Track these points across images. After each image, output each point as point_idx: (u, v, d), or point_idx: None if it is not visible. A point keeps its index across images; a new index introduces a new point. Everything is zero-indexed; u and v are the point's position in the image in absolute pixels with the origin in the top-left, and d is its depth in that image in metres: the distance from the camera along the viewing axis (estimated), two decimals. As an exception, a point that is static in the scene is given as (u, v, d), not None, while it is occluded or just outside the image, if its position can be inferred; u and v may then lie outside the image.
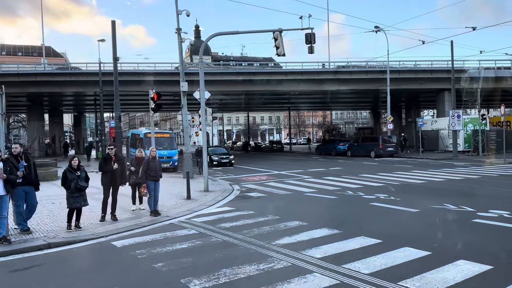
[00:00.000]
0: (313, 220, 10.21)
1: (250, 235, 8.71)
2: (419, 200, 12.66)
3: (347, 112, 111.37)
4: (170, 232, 9.22)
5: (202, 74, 16.15)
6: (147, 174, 10.86)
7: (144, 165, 10.88)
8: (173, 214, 11.21)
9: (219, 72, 39.86)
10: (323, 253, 7.33)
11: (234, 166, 28.71)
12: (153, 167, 10.98)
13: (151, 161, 11.02)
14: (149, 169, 10.88)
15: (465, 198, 12.80)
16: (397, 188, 15.62)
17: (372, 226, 9.47)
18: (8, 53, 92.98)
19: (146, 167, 10.85)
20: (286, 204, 13.02)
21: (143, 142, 27.29)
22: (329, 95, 47.28)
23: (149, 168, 10.89)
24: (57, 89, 38.98)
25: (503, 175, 18.75)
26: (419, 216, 10.48)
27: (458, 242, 7.94)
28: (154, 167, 11.01)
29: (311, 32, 18.25)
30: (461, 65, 39.44)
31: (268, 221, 10.12)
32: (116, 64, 23.99)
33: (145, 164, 10.89)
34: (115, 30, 23.81)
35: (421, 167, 23.48)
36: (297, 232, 8.92)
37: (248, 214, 11.09)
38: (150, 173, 10.90)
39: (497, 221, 9.54)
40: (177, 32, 20.10)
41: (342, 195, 14.27)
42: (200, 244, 8.13)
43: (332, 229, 9.07)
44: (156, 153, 11.39)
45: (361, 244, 7.92)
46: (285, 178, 20.32)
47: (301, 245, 7.87)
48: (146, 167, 10.85)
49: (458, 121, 30.72)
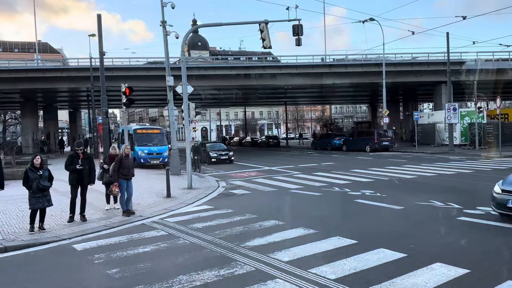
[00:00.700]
0: (291, 219, 9.77)
1: (221, 236, 8.26)
2: (405, 197, 12.21)
3: (346, 106, 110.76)
4: (138, 234, 8.77)
5: (184, 68, 15.65)
6: (119, 173, 10.38)
7: (116, 163, 10.39)
8: (147, 214, 10.75)
9: (212, 67, 39.30)
10: (292, 256, 6.88)
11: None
12: (126, 165, 10.50)
13: (124, 159, 10.53)
14: (121, 167, 10.40)
15: (453, 194, 12.34)
16: (385, 184, 15.17)
17: (351, 225, 9.02)
18: (5, 49, 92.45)
19: (118, 165, 10.37)
20: (268, 201, 12.55)
21: (133, 138, 26.85)
22: (326, 89, 46.74)
23: (122, 166, 10.41)
24: (48, 85, 38.45)
25: (496, 169, 18.25)
26: (402, 214, 10.01)
27: (437, 243, 7.47)
28: (127, 165, 10.53)
29: (298, 24, 17.73)
30: (458, 57, 38.92)
31: (244, 221, 9.66)
32: (102, 58, 23.51)
33: (118, 161, 10.41)
34: (101, 24, 23.34)
35: (414, 162, 22.99)
36: (271, 232, 8.47)
37: (226, 213, 10.64)
38: (123, 171, 10.42)
39: (482, 219, 9.09)
40: (162, 25, 19.57)
41: (327, 192, 13.81)
42: (164, 247, 7.68)
43: (308, 229, 8.61)
44: (129, 151, 10.87)
45: (335, 245, 7.47)
46: (275, 174, 19.85)
47: (271, 247, 7.42)
48: (118, 165, 10.37)
49: (454, 114, 30.19)
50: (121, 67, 38.12)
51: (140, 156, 25.71)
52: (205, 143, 30.38)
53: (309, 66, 38.32)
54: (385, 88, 36.20)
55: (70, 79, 38.19)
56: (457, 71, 35.18)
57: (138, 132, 27.12)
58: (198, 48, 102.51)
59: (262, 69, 38.56)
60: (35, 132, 47.80)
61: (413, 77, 38.85)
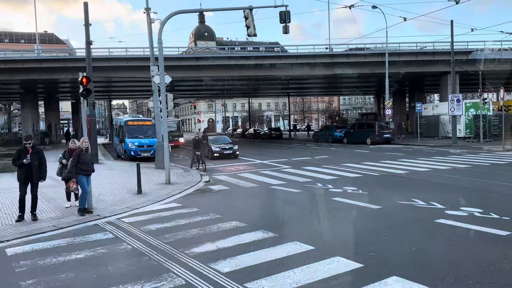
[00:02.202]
0: (255, 220, 9.00)
1: (169, 241, 7.54)
2: (388, 195, 11.38)
3: (355, 97, 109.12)
4: (82, 236, 8.08)
5: (161, 58, 14.89)
6: (78, 168, 9.66)
7: (75, 158, 9.66)
8: (106, 213, 10.07)
9: (211, 57, 38.47)
10: (234, 266, 6.13)
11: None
12: (85, 160, 9.76)
13: (83, 153, 9.80)
14: (80, 162, 9.67)
15: (440, 192, 11.49)
16: (372, 180, 14.34)
17: (315, 228, 8.24)
18: (11, 40, 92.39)
19: (76, 160, 9.64)
20: (242, 199, 11.80)
21: (124, 130, 26.24)
22: (330, 80, 45.68)
23: (81, 161, 9.68)
24: (45, 75, 37.98)
25: (495, 164, 17.28)
26: (376, 215, 9.19)
27: (403, 251, 6.66)
28: (86, 160, 9.79)
29: (285, 10, 16.85)
30: (465, 46, 37.60)
31: (204, 222, 8.93)
32: (89, 48, 22.89)
33: (76, 156, 9.68)
34: (88, 13, 22.62)
35: (412, 155, 22.04)
36: (226, 236, 7.73)
37: (189, 213, 9.91)
38: (82, 166, 9.70)
39: (463, 221, 8.23)
40: (146, 12, 18.79)
41: (308, 188, 13.02)
42: (101, 254, 6.97)
43: (267, 232, 7.85)
44: (88, 144, 10.07)
45: (289, 252, 6.70)
46: (264, 168, 19.08)
47: (217, 254, 6.68)
48: (76, 160, 9.64)
49: (458, 105, 29.09)
50: (120, 57, 37.46)
51: (130, 148, 25.09)
52: (207, 136, 27.82)
53: (309, 56, 37.27)
54: (390, 79, 35.11)
55: (66, 69, 37.56)
56: (462, 61, 33.89)
57: (129, 124, 26.47)
58: (205, 39, 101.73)
59: (261, 59, 37.67)
60: (35, 123, 47.51)
61: (418, 67, 37.68)
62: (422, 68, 37.96)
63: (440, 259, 6.25)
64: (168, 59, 37.28)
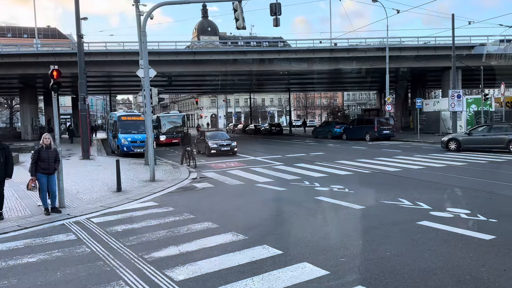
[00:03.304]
0: (228, 221, 8.56)
1: (132, 244, 7.13)
2: (374, 194, 10.91)
3: (359, 93, 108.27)
4: (42, 238, 7.69)
5: (145, 52, 14.43)
6: (37, 166, 9.24)
7: (34, 155, 9.25)
8: (78, 212, 9.67)
9: (209, 51, 38.02)
10: (191, 273, 5.70)
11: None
12: (44, 157, 9.32)
13: (43, 150, 9.36)
14: (40, 160, 9.25)
15: (429, 191, 10.99)
16: (362, 178, 13.86)
17: (289, 230, 7.78)
18: (14, 35, 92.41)
19: (36, 157, 9.23)
20: (223, 198, 11.37)
21: (117, 126, 25.87)
22: (331, 75, 45.04)
23: (40, 159, 9.26)
24: (42, 70, 37.44)
25: (492, 162, 16.74)
26: (358, 216, 8.72)
27: (375, 257, 6.19)
28: (46, 158, 9.33)
29: (276, 3, 16.31)
30: (467, 41, 36.91)
31: (175, 223, 8.51)
32: (80, 41, 22.52)
33: (35, 153, 9.26)
34: (78, 5, 22.27)
35: (409, 152, 21.51)
36: (193, 238, 7.31)
37: (162, 213, 9.49)
38: (41, 164, 9.27)
39: (447, 224, 7.75)
40: (135, 4, 18.32)
41: (294, 186, 12.57)
42: (56, 257, 6.56)
43: (238, 235, 7.43)
44: (50, 140, 9.58)
45: (253, 257, 6.26)
46: (255, 165, 18.64)
47: (177, 259, 6.26)
48: (36, 157, 9.23)
49: (458, 101, 28.46)
50: (117, 51, 37.08)
51: (123, 144, 24.73)
52: (206, 132, 27.03)
53: (309, 51, 36.71)
54: (392, 74, 34.58)
55: (63, 64, 37.13)
56: (463, 55, 33.25)
57: (123, 119, 26.10)
58: (208, 34, 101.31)
59: (260, 53, 37.15)
60: (35, 118, 47.32)
61: (419, 62, 37.03)
62: (424, 63, 37.32)
63: (415, 266, 5.79)
64: (165, 53, 36.99)
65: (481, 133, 20.92)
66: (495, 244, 6.58)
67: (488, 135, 20.53)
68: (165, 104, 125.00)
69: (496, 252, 6.24)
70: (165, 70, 36.23)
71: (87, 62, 34.76)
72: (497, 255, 6.12)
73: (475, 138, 20.83)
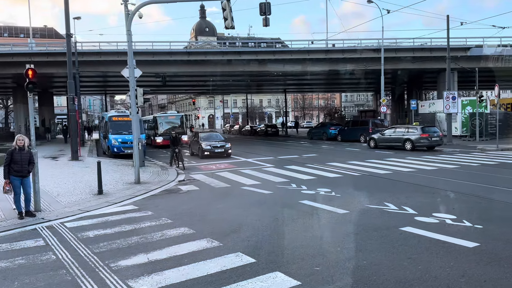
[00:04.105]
0: (206, 226, 8.28)
1: (100, 251, 6.83)
2: (360, 197, 10.64)
3: (357, 94, 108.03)
4: (9, 243, 7.39)
5: (130, 51, 14.13)
6: (10, 168, 8.94)
7: (7, 157, 8.94)
8: (53, 216, 9.37)
9: (203, 52, 37.76)
10: (155, 284, 5.41)
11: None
12: (17, 159, 9.00)
13: (16, 152, 9.05)
14: (13, 162, 8.95)
15: (416, 195, 10.73)
16: (350, 181, 13.58)
17: (267, 236, 7.49)
18: (11, 34, 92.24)
19: (9, 159, 8.93)
20: (206, 202, 11.07)
21: (108, 126, 25.55)
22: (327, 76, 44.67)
23: (13, 161, 8.96)
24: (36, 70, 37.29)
25: (484, 165, 16.47)
26: (340, 221, 8.43)
27: (352, 266, 5.90)
28: (19, 160, 9.02)
29: (265, 2, 16.02)
30: (463, 42, 36.68)
31: (150, 228, 8.22)
32: (69, 41, 22.20)
33: (8, 155, 8.95)
34: (68, 3, 21.96)
35: (402, 154, 21.24)
36: (165, 245, 7.01)
37: (140, 217, 9.19)
38: (14, 167, 8.96)
39: (431, 230, 7.47)
40: (124, 3, 17.96)
41: (280, 189, 12.30)
42: (18, 265, 6.26)
43: (213, 241, 7.14)
44: (24, 142, 9.25)
45: (224, 266, 5.98)
46: (246, 166, 18.36)
47: (144, 269, 5.96)
48: (9, 159, 8.93)
49: (453, 103, 28.25)
50: (110, 51, 36.75)
51: (113, 145, 24.41)
52: (199, 133, 25.93)
53: (304, 52, 36.45)
54: (388, 75, 34.32)
55: (57, 63, 37.00)
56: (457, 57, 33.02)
57: (114, 120, 25.71)
58: (206, 34, 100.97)
59: (255, 54, 36.84)
60: (28, 118, 46.94)
61: (415, 63, 36.80)
62: (420, 65, 37.09)
63: (391, 276, 5.51)
64: (159, 53, 36.72)
65: (389, 134, 25.37)
66: (477, 252, 6.30)
67: (393, 135, 24.92)
68: (163, 105, 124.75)
69: (478, 261, 5.96)
70: (160, 70, 35.94)
71: (80, 62, 34.72)
72: (479, 264, 5.84)
73: (385, 138, 25.33)
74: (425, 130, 23.56)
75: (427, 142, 23.21)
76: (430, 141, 23.25)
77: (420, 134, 23.10)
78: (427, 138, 23.09)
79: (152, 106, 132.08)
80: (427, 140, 23.14)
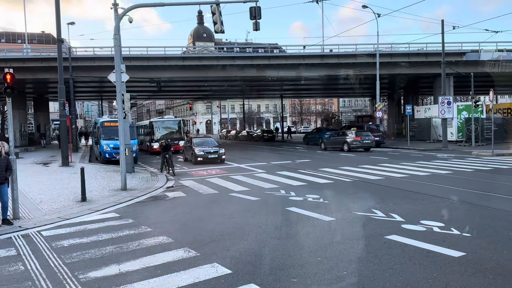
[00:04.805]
0: (185, 235, 8.03)
1: (72, 261, 6.57)
2: (348, 204, 10.38)
3: (354, 99, 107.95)
4: (-21, 253, 7.13)
5: (118, 55, 13.90)
6: (-15, 175, 8.69)
7: (-18, 164, 8.70)
8: (31, 224, 9.11)
9: (197, 57, 37.59)
10: (122, 296, 5.14)
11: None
12: (-6, 166, 8.77)
13: (-10, 158, 8.80)
14: (-12, 169, 8.71)
15: (406, 202, 10.48)
16: (340, 187, 13.33)
17: (248, 245, 7.22)
18: (8, 40, 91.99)
19: (-16, 166, 8.68)
20: (190, 209, 10.82)
21: (100, 131, 25.31)
22: (324, 81, 44.51)
23: (-12, 168, 8.72)
24: (29, 75, 37.17)
25: (478, 171, 16.23)
26: (325, 229, 8.18)
27: (331, 277, 5.64)
28: (-5, 167, 8.79)
29: (255, 6, 15.88)
30: (459, 47, 36.59)
31: (128, 237, 7.95)
32: (60, 46, 22.02)
33: (-15, 162, 8.71)
34: (59, 7, 21.80)
35: (396, 160, 21.02)
36: (140, 255, 6.75)
37: (120, 225, 8.93)
38: (-11, 174, 8.73)
39: (417, 238, 7.22)
40: (113, 7, 17.85)
41: (269, 196, 12.05)
42: (-18, 276, 6.00)
43: (190, 251, 6.88)
44: (1, 149, 9.00)
45: (198, 277, 5.72)
46: (237, 172, 18.12)
47: (113, 281, 5.71)
48: (-16, 166, 8.68)
49: (449, 108, 28.07)
50: (103, 56, 36.51)
51: (105, 150, 24.16)
52: (193, 138, 25.55)
53: (299, 57, 36.32)
54: (384, 80, 34.17)
55: (51, 69, 36.71)
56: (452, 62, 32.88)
57: (106, 125, 25.46)
58: (203, 40, 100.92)
59: (250, 59, 36.73)
60: (23, 124, 46.75)
61: (410, 68, 36.67)
62: (416, 70, 36.97)
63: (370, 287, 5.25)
64: (154, 58, 36.56)
65: (334, 136, 30.07)
66: (463, 262, 6.05)
67: (337, 138, 29.34)
68: (161, 110, 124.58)
69: (462, 271, 5.71)
70: (154, 76, 35.81)
71: (74, 67, 34.57)
72: (463, 275, 5.59)
73: (331, 140, 30.05)
74: (358, 134, 27.73)
75: (359, 144, 27.33)
76: (362, 143, 27.37)
77: (354, 138, 27.34)
78: (359, 141, 27.30)
79: (150, 111, 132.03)
80: (359, 143, 27.32)
